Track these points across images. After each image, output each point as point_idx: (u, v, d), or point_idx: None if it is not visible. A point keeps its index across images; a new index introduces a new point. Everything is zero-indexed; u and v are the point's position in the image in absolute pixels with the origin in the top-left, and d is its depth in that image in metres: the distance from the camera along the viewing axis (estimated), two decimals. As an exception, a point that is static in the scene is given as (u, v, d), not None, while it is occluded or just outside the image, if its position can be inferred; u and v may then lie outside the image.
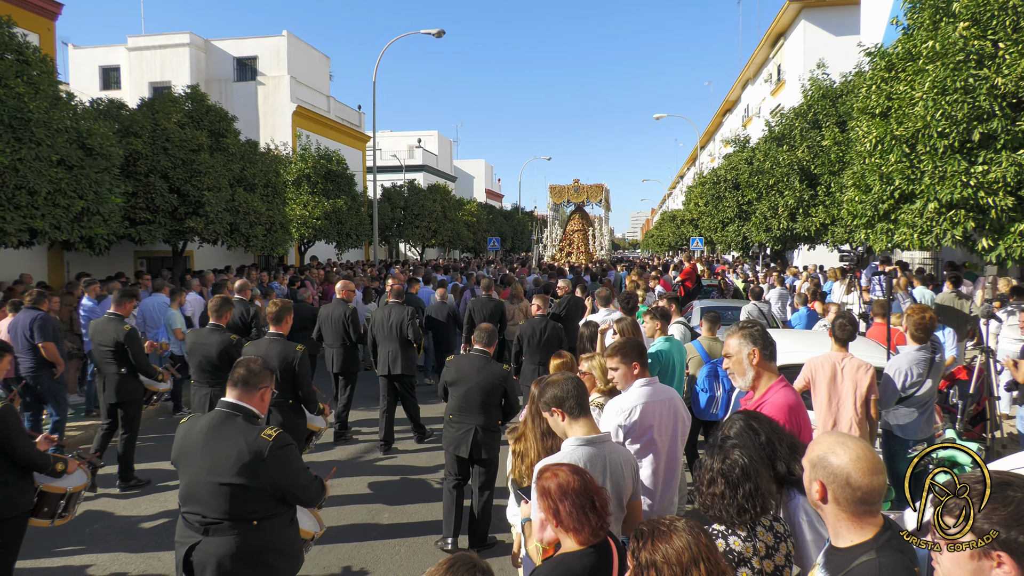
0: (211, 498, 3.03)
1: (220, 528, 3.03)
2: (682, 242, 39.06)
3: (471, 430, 5.20)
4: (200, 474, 3.06)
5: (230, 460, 3.02)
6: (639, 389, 3.60)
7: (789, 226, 18.73)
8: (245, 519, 3.05)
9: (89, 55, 29.66)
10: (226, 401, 3.24)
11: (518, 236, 55.37)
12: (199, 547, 3.04)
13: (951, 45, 8.61)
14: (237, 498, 3.02)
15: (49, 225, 10.79)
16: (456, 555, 2.08)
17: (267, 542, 3.13)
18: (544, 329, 7.78)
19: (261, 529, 3.09)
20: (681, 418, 3.65)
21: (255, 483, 3.01)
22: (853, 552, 1.98)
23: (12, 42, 10.76)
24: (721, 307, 10.48)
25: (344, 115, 33.72)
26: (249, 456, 3.01)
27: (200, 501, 3.06)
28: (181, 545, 3.11)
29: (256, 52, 29.37)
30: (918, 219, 9.20)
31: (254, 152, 18.22)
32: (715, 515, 2.45)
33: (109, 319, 6.58)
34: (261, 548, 3.10)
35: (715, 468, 2.46)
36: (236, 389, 3.25)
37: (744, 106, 40.62)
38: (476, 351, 5.37)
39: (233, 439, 3.07)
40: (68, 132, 11.16)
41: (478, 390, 5.18)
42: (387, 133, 52.06)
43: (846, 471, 2.00)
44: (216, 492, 3.02)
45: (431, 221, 32.91)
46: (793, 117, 19.01)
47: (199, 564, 3.04)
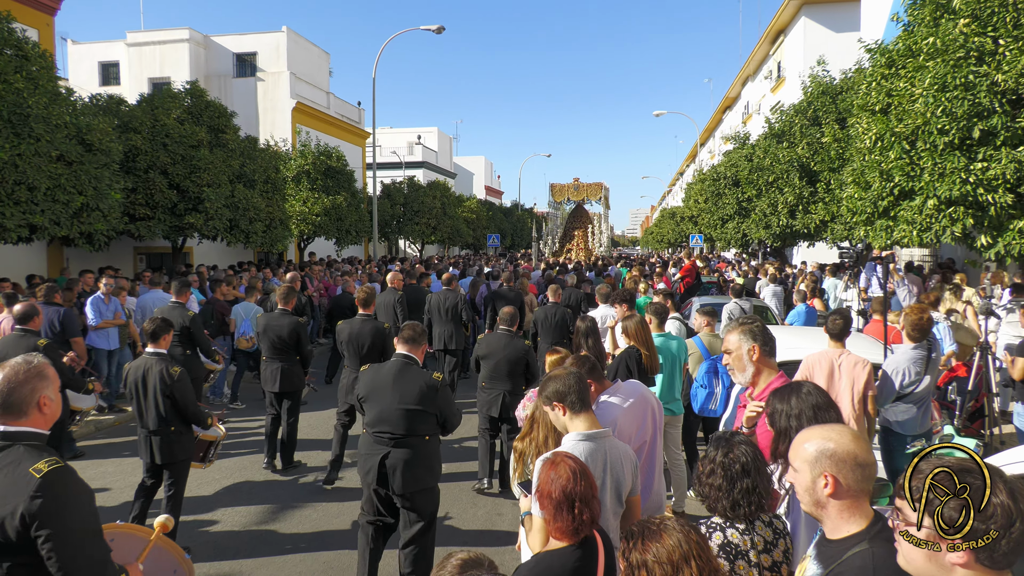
0: (400, 420, 4.26)
1: (404, 441, 4.27)
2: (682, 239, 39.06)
3: (500, 394, 6.35)
4: (392, 403, 4.28)
5: (414, 393, 4.28)
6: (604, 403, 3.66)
7: (789, 223, 18.73)
8: (420, 435, 4.31)
9: (88, 51, 29.60)
10: (401, 353, 4.47)
11: (518, 233, 55.27)
12: (390, 456, 4.25)
13: (951, 42, 8.61)
14: (416, 420, 4.29)
15: (49, 221, 10.79)
16: (469, 556, 2.06)
17: (432, 453, 4.41)
18: (556, 314, 8.94)
19: (429, 443, 4.38)
20: (650, 413, 3.69)
21: (430, 409, 4.31)
22: (846, 543, 1.99)
23: (11, 37, 10.75)
24: (720, 304, 10.49)
25: (344, 111, 33.68)
26: (427, 390, 4.29)
27: (390, 423, 4.27)
28: (372, 456, 4.29)
29: (256, 48, 29.30)
30: (917, 216, 9.20)
31: (254, 148, 18.21)
32: (710, 506, 2.50)
33: (174, 306, 7.60)
34: (428, 456, 4.37)
35: (716, 460, 2.50)
36: (407, 344, 4.49)
37: (744, 103, 40.60)
38: (502, 330, 6.48)
39: (415, 379, 4.33)
40: (67, 128, 11.16)
41: (505, 362, 6.33)
42: (387, 129, 51.99)
43: (852, 452, 2.01)
44: (403, 415, 4.27)
45: (431, 218, 32.87)
46: (793, 114, 18.99)
47: (391, 467, 4.24)
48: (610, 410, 3.59)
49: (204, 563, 5.13)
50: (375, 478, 4.30)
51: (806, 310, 10.26)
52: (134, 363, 5.14)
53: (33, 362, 2.44)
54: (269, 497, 6.48)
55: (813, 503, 2.08)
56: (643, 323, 5.57)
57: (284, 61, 29.09)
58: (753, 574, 2.38)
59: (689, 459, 6.40)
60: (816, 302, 11.24)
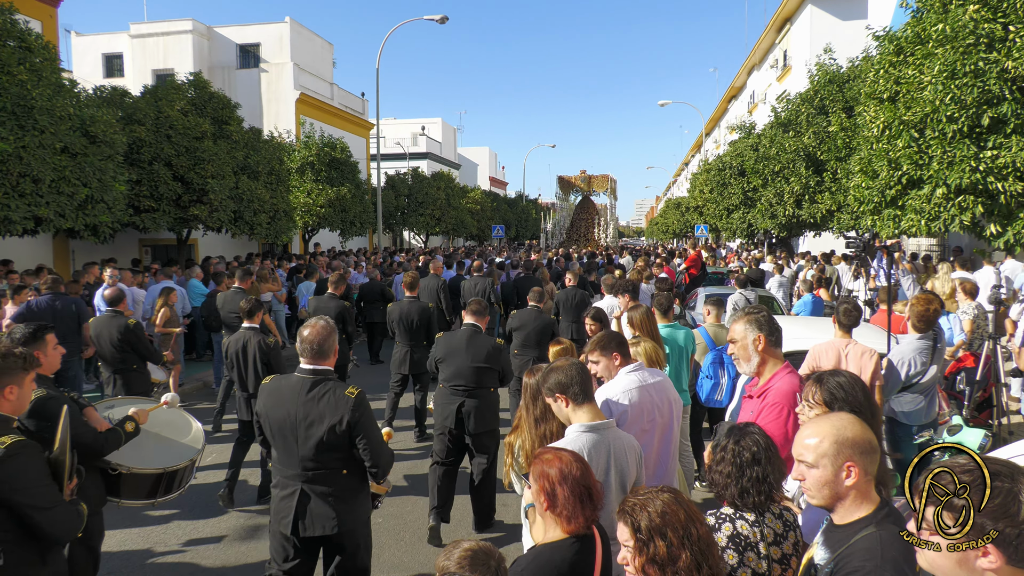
0: (472, 375, 5.44)
1: (475, 392, 5.44)
2: (687, 229, 38.95)
3: (530, 359, 7.20)
4: (465, 362, 5.45)
5: (483, 354, 5.48)
6: (625, 376, 3.57)
7: (795, 213, 18.63)
8: (486, 387, 5.51)
9: (92, 42, 29.58)
10: (470, 323, 5.65)
11: (522, 224, 55.16)
12: (464, 404, 5.41)
13: (961, 28, 8.49)
14: (484, 375, 5.48)
15: (54, 213, 10.80)
16: (477, 547, 2.04)
17: (495, 401, 5.64)
18: (575, 296, 9.77)
19: (493, 394, 5.60)
20: (670, 401, 3.62)
21: (495, 366, 5.53)
22: (853, 528, 2.00)
23: (14, 29, 10.72)
24: (726, 294, 10.43)
25: (347, 102, 33.60)
26: (492, 351, 5.52)
27: (464, 377, 5.44)
28: (450, 404, 5.43)
29: (259, 39, 29.24)
30: (926, 205, 9.12)
31: (257, 140, 18.18)
32: (719, 493, 2.49)
33: (237, 291, 8.37)
34: (493, 404, 5.60)
35: (727, 448, 2.50)
36: (474, 316, 5.68)
37: (750, 92, 40.35)
38: (531, 306, 7.74)
39: (483, 343, 5.55)
40: (71, 120, 11.14)
41: (535, 332, 7.56)
42: (391, 120, 51.89)
43: (867, 437, 2.02)
44: (474, 372, 5.44)
45: (435, 209, 32.81)
46: (799, 103, 18.84)
47: (465, 412, 5.40)
48: (632, 381, 3.53)
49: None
50: (453, 422, 5.42)
51: (812, 300, 10.21)
52: (233, 337, 6.25)
53: (330, 323, 3.53)
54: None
55: (832, 496, 2.05)
56: (648, 313, 5.53)
57: (287, 52, 29.01)
58: (763, 566, 2.36)
59: (695, 450, 6.38)
60: (822, 292, 11.18)
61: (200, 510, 6.01)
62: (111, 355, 6.43)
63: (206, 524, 5.77)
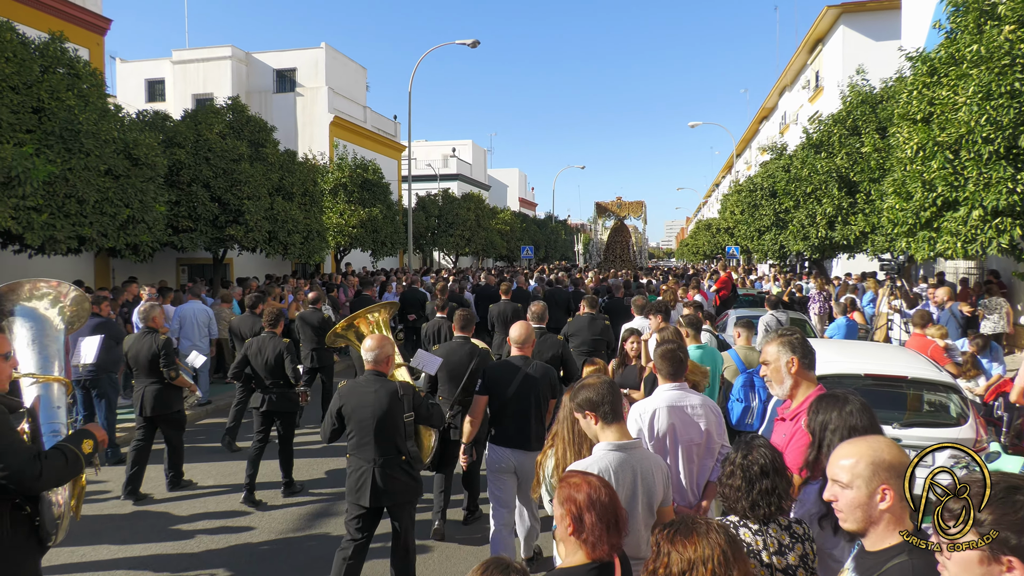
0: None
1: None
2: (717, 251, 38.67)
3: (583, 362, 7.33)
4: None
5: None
6: (663, 394, 3.63)
7: (827, 234, 18.39)
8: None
9: (136, 68, 30.61)
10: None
11: (551, 244, 55.22)
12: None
13: (996, 48, 8.40)
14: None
15: (97, 232, 11.14)
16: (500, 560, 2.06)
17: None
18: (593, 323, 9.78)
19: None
20: (710, 418, 3.63)
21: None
22: (885, 555, 1.96)
23: (64, 57, 11.19)
24: (756, 316, 10.33)
25: (380, 125, 34.17)
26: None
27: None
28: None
29: (295, 64, 29.96)
30: (962, 227, 8.97)
31: (292, 162, 18.56)
32: (730, 506, 2.55)
33: (314, 310, 9.43)
34: None
35: (736, 462, 2.56)
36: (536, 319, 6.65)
37: (781, 113, 40.09)
38: (587, 312, 8.56)
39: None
40: (115, 143, 11.54)
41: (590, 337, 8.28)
42: (422, 142, 52.56)
43: (903, 461, 1.98)
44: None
45: (465, 229, 33.07)
46: (832, 124, 18.65)
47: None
48: (670, 399, 3.63)
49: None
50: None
51: (846, 323, 10.05)
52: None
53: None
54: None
55: (865, 519, 2.00)
56: (678, 334, 5.52)
57: (322, 76, 29.67)
58: (764, 574, 2.40)
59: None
60: (856, 315, 11.01)
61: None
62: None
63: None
